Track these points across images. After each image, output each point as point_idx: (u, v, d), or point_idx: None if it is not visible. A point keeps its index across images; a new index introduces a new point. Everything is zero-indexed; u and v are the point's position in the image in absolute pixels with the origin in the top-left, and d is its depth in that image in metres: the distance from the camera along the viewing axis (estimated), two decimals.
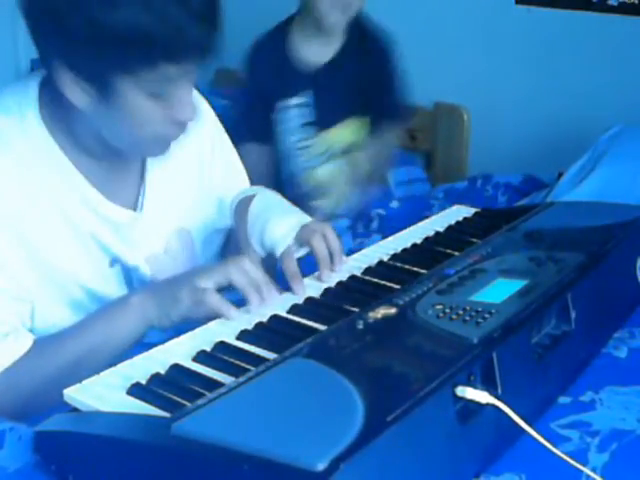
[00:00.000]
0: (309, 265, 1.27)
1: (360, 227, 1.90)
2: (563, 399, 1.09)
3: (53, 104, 1.15)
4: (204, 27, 1.05)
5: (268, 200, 1.37)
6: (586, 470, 0.91)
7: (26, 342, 1.10)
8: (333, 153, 2.02)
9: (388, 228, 1.72)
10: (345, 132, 2.02)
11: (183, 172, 1.34)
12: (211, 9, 1.07)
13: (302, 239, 1.27)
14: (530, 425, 0.90)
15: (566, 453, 0.91)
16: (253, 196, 1.36)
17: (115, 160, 1.22)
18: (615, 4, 2.34)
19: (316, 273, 1.26)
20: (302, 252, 1.28)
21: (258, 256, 1.31)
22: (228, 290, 1.14)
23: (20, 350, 1.09)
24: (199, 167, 1.37)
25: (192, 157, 1.35)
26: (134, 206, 1.26)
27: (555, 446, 0.91)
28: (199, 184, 1.37)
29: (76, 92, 1.09)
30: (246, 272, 1.13)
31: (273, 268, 1.30)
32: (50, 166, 1.16)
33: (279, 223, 1.29)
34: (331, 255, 1.26)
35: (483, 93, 2.60)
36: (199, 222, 1.38)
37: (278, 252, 1.26)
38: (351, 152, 2.03)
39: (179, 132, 1.17)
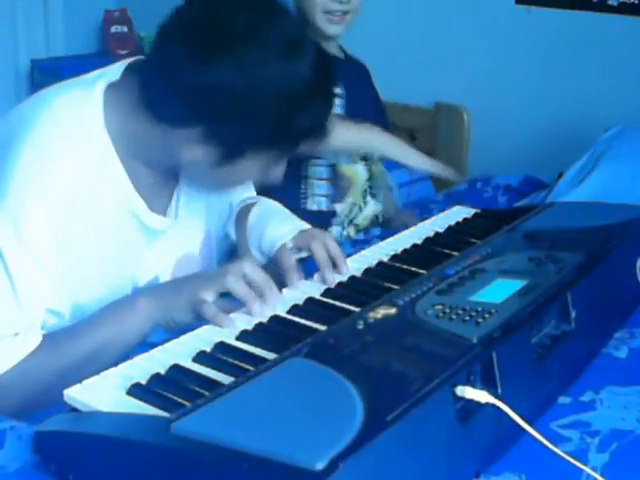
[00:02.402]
0: (309, 270, 1.26)
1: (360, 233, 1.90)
2: (563, 399, 1.09)
3: (122, 114, 1.16)
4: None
5: (267, 208, 1.38)
6: (586, 469, 0.91)
7: (34, 341, 1.10)
8: (354, 154, 1.94)
9: (388, 234, 1.71)
10: None
11: None
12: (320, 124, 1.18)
13: (301, 244, 1.27)
14: (530, 424, 0.90)
15: (566, 453, 0.91)
16: (253, 204, 1.37)
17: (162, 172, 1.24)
18: (615, 4, 2.34)
19: (317, 274, 1.25)
20: (300, 255, 1.28)
21: (257, 263, 1.31)
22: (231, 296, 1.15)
23: (27, 349, 1.09)
24: None
25: None
26: (166, 213, 1.27)
27: (555, 446, 0.91)
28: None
29: (193, 149, 1.12)
30: (244, 278, 1.13)
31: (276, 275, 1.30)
32: (105, 173, 1.16)
33: (277, 227, 1.30)
34: (334, 261, 1.26)
35: (483, 93, 2.61)
36: (215, 224, 1.39)
37: (274, 251, 1.26)
38: (369, 157, 1.97)
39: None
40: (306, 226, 1.34)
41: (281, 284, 1.21)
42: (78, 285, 1.16)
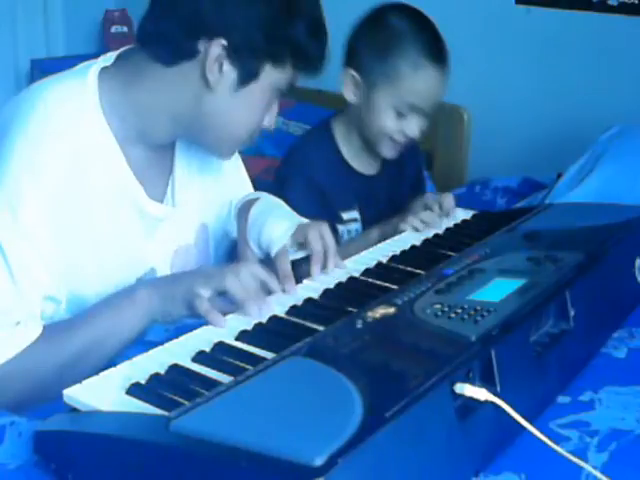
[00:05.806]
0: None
1: None
2: (562, 399, 1.09)
3: (118, 93, 1.18)
4: (320, 45, 1.23)
5: (269, 203, 1.39)
6: (587, 466, 0.91)
7: (35, 331, 1.10)
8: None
9: None
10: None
11: (203, 170, 1.37)
12: (324, 32, 1.24)
13: (299, 237, 1.27)
14: (529, 423, 0.90)
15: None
16: (256, 199, 1.38)
17: (160, 153, 1.26)
18: (615, 4, 2.34)
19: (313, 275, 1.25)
20: (299, 254, 1.28)
21: (256, 257, 1.32)
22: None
23: (28, 339, 1.09)
24: (216, 168, 1.40)
25: (209, 159, 1.37)
26: (163, 199, 1.28)
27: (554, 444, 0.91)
28: (214, 184, 1.40)
29: (213, 70, 1.15)
30: (243, 281, 1.13)
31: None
32: (103, 158, 1.18)
33: (277, 224, 1.30)
34: (326, 252, 1.26)
35: (483, 93, 2.60)
36: (214, 220, 1.40)
37: (273, 252, 1.26)
38: None
39: (255, 137, 1.28)
40: (305, 221, 1.34)
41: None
42: (75, 272, 1.16)
